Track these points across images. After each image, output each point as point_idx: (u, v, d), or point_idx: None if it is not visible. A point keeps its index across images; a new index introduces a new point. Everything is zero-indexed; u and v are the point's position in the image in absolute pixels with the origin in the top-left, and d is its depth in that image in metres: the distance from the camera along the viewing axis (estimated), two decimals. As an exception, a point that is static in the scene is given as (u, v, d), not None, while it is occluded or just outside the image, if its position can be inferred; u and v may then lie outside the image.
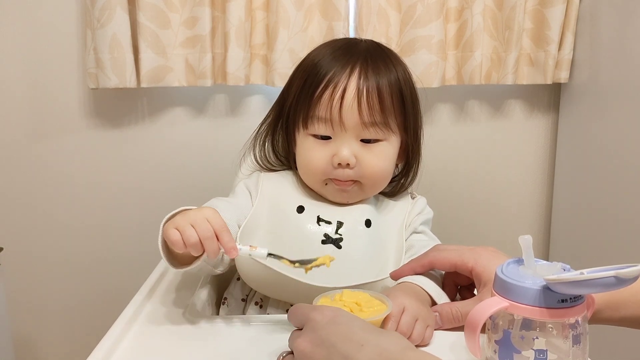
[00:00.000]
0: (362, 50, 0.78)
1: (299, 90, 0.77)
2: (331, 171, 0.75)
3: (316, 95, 0.74)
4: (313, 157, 0.76)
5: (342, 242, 0.74)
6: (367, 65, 0.75)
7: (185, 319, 0.67)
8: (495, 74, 1.24)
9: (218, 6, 1.15)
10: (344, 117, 0.73)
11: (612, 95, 1.12)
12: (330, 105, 0.73)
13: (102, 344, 0.59)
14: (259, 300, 0.78)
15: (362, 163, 0.75)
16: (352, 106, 0.73)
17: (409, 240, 0.80)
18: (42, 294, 1.32)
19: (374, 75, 0.74)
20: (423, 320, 0.60)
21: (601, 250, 1.15)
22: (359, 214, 0.78)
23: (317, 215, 0.76)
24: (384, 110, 0.74)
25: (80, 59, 1.20)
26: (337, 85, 0.73)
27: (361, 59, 0.75)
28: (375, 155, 0.75)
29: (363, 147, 0.75)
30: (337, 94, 0.73)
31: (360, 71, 0.74)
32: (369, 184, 0.77)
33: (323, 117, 0.74)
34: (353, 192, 0.78)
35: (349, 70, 0.74)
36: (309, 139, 0.77)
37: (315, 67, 0.76)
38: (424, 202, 0.86)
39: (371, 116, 0.73)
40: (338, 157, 0.74)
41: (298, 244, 0.74)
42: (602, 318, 0.60)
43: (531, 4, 1.21)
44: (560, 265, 0.51)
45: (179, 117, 1.26)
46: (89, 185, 1.27)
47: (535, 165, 1.37)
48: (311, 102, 0.75)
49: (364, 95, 0.73)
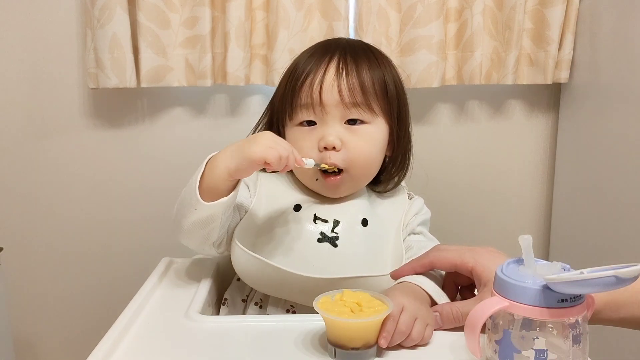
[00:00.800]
0: (342, 43, 0.80)
1: (283, 89, 0.79)
2: (319, 157, 0.75)
3: (297, 86, 0.76)
4: (301, 146, 0.76)
5: (338, 240, 0.74)
6: (345, 53, 0.77)
7: (185, 320, 0.67)
8: (495, 74, 1.24)
9: (218, 6, 1.15)
10: (325, 99, 0.74)
11: (612, 95, 1.12)
12: (310, 90, 0.75)
13: (102, 344, 0.59)
14: (258, 301, 0.78)
15: (349, 145, 0.75)
16: (332, 88, 0.74)
17: (407, 241, 0.80)
18: (42, 294, 1.32)
19: (353, 60, 0.76)
20: (422, 319, 0.60)
21: (601, 250, 1.16)
22: (356, 213, 0.78)
23: (314, 214, 0.77)
24: (365, 91, 0.75)
25: (80, 59, 1.20)
26: (317, 72, 0.75)
27: (340, 48, 0.78)
28: (360, 139, 0.76)
29: (348, 131, 0.75)
30: (317, 79, 0.75)
31: (340, 58, 0.76)
32: (358, 171, 0.77)
33: (304, 103, 0.75)
34: (344, 185, 0.77)
35: (327, 58, 0.76)
36: (295, 130, 0.78)
37: (297, 64, 0.79)
38: (421, 202, 0.86)
39: (352, 96, 0.74)
40: (324, 140, 0.74)
41: (294, 242, 0.74)
42: (602, 318, 0.60)
43: (531, 4, 1.21)
44: (560, 265, 0.51)
45: (179, 117, 1.26)
46: (89, 185, 1.27)
47: (535, 165, 1.37)
48: (294, 94, 0.76)
49: (343, 77, 0.74)
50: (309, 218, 0.76)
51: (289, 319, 0.69)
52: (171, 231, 0.75)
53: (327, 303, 0.59)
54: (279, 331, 0.63)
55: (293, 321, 0.66)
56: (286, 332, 0.63)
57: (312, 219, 0.76)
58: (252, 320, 0.68)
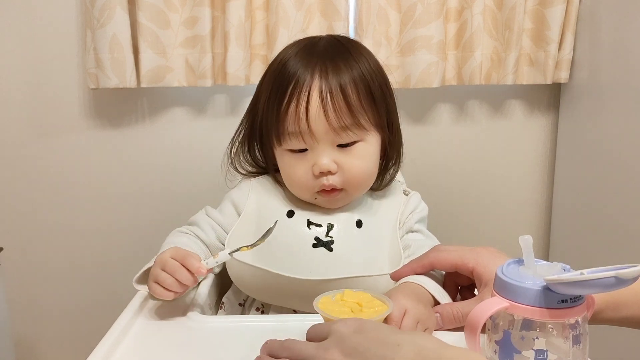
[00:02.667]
0: (320, 52, 0.75)
1: (266, 106, 0.76)
2: (315, 182, 0.74)
3: (282, 110, 0.73)
4: (294, 173, 0.75)
5: (334, 244, 0.74)
6: (326, 69, 0.72)
7: (185, 320, 0.67)
8: (495, 74, 1.24)
9: (218, 6, 1.15)
10: (313, 128, 0.71)
11: (612, 95, 1.12)
12: (297, 119, 0.71)
13: (102, 344, 0.59)
14: (260, 306, 0.78)
15: (344, 167, 0.74)
16: (319, 115, 0.71)
17: (404, 240, 0.79)
18: (42, 294, 1.32)
19: (335, 78, 0.72)
20: (423, 324, 0.60)
21: (601, 251, 1.16)
22: (349, 215, 0.77)
23: (307, 219, 0.76)
24: (352, 111, 0.72)
25: (80, 59, 1.20)
26: (300, 96, 0.71)
27: (320, 62, 0.73)
28: (354, 158, 0.74)
29: (341, 152, 0.74)
30: (302, 106, 0.71)
31: (321, 77, 0.72)
32: (356, 187, 0.76)
33: (293, 131, 0.72)
34: (341, 199, 0.77)
35: (309, 77, 0.72)
36: (286, 155, 0.76)
37: (278, 77, 0.74)
38: (417, 198, 0.84)
39: (340, 120, 0.71)
40: (318, 166, 0.73)
41: (289, 248, 0.74)
42: (602, 318, 0.60)
43: (531, 4, 1.21)
44: (561, 266, 0.51)
45: (179, 117, 1.26)
46: (89, 185, 1.27)
47: (535, 165, 1.37)
48: (279, 118, 0.73)
49: (329, 101, 0.71)
50: (303, 223, 0.76)
51: (289, 319, 0.69)
52: None
53: (327, 303, 0.59)
54: (279, 331, 0.63)
55: (293, 321, 0.66)
56: (286, 332, 0.63)
57: (306, 224, 0.76)
58: (252, 320, 0.68)
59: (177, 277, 0.64)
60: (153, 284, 0.65)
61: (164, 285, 0.64)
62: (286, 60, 0.75)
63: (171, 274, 0.64)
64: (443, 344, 0.46)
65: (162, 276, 0.64)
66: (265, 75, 0.79)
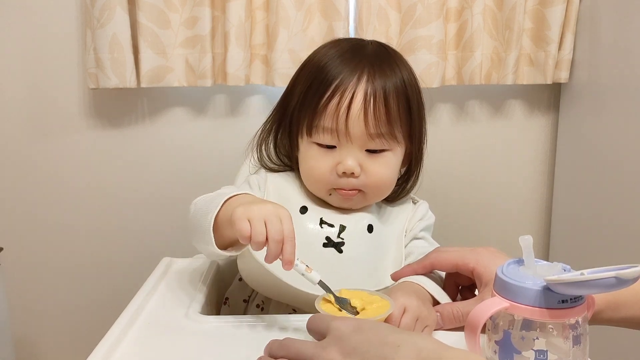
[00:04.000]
0: (369, 55, 0.75)
1: (303, 96, 0.75)
2: (335, 180, 0.74)
3: (322, 104, 0.72)
4: (317, 166, 0.75)
5: (344, 246, 0.74)
6: (374, 73, 0.73)
7: (185, 319, 0.67)
8: (495, 74, 1.24)
9: (218, 6, 1.15)
10: (350, 128, 0.71)
11: (611, 95, 1.12)
12: (336, 115, 0.71)
13: (103, 344, 0.59)
14: (260, 303, 0.78)
15: (367, 172, 0.74)
16: (359, 117, 0.71)
17: (408, 247, 0.79)
18: (42, 294, 1.32)
19: (381, 84, 0.72)
20: (422, 322, 0.60)
21: (601, 251, 1.15)
22: (362, 219, 0.77)
23: (320, 217, 0.76)
24: (391, 121, 0.72)
25: (80, 59, 1.20)
26: (344, 94, 0.71)
27: (368, 65, 0.73)
28: (380, 165, 0.74)
29: (368, 157, 0.74)
30: (344, 105, 0.71)
31: (368, 79, 0.72)
32: (373, 193, 0.77)
33: (329, 127, 0.72)
34: (357, 200, 0.77)
35: (356, 78, 0.72)
36: (312, 147, 0.75)
37: (321, 72, 0.74)
38: (425, 207, 0.85)
39: (377, 127, 0.72)
40: (343, 165, 0.73)
41: (299, 245, 0.73)
42: (602, 318, 0.60)
43: (531, 4, 1.21)
44: (561, 266, 0.51)
45: (179, 117, 1.26)
46: (89, 185, 1.27)
47: (535, 165, 1.37)
48: (316, 111, 0.73)
49: (371, 106, 0.71)
50: (316, 221, 0.75)
51: (289, 319, 0.69)
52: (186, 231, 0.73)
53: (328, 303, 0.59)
54: (278, 331, 0.63)
55: (293, 321, 0.66)
56: (286, 332, 0.63)
57: (319, 223, 0.75)
58: (253, 320, 0.68)
59: (270, 244, 0.58)
60: (244, 221, 0.58)
61: (253, 233, 0.58)
62: (331, 56, 0.75)
63: (268, 235, 0.58)
64: (443, 345, 0.46)
65: (259, 228, 0.58)
66: (304, 68, 0.78)
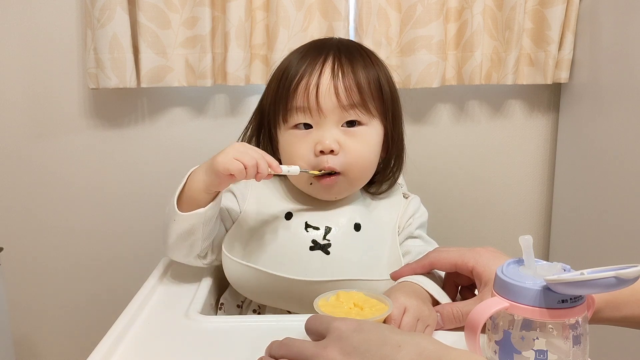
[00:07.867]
0: (334, 44, 0.78)
1: (274, 92, 0.77)
2: (315, 161, 0.74)
3: (292, 88, 0.74)
4: (296, 149, 0.75)
5: (330, 247, 0.73)
6: (340, 53, 0.75)
7: (185, 320, 0.67)
8: (495, 74, 1.24)
9: (218, 6, 1.15)
10: (322, 103, 0.72)
11: (612, 95, 1.12)
12: (306, 93, 0.73)
13: (102, 344, 0.59)
14: (256, 308, 0.78)
15: (346, 150, 0.73)
16: (329, 90, 0.72)
17: (405, 246, 0.79)
18: (42, 294, 1.32)
19: (348, 61, 0.74)
20: (423, 321, 0.60)
21: (601, 251, 1.15)
22: (348, 218, 0.77)
23: (305, 221, 0.75)
24: (362, 91, 0.73)
25: (80, 59, 1.20)
26: (312, 73, 0.73)
27: (333, 48, 0.76)
28: (358, 142, 0.74)
29: (345, 134, 0.74)
30: (313, 81, 0.73)
31: (334, 58, 0.74)
32: (354, 175, 0.76)
33: (301, 106, 0.73)
34: (339, 188, 0.76)
35: (322, 59, 0.74)
36: (290, 133, 0.76)
37: (289, 66, 0.76)
38: (417, 201, 0.84)
39: (349, 97, 0.72)
40: (321, 144, 0.72)
41: (286, 250, 0.73)
42: (602, 318, 0.60)
43: (531, 4, 1.21)
44: (561, 266, 0.51)
45: (179, 117, 1.26)
46: (89, 185, 1.27)
47: (535, 165, 1.37)
48: (288, 96, 0.74)
49: (340, 78, 0.73)
50: (301, 226, 0.75)
51: (288, 319, 0.69)
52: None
53: (325, 305, 0.59)
54: (278, 331, 0.63)
55: (293, 321, 0.66)
56: (286, 332, 0.63)
57: (304, 227, 0.75)
58: (252, 320, 0.68)
59: (259, 162, 0.67)
60: (231, 160, 0.66)
61: (245, 161, 0.66)
62: (297, 51, 0.79)
63: (248, 162, 0.66)
64: (444, 345, 0.45)
65: (246, 157, 0.67)
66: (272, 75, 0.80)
